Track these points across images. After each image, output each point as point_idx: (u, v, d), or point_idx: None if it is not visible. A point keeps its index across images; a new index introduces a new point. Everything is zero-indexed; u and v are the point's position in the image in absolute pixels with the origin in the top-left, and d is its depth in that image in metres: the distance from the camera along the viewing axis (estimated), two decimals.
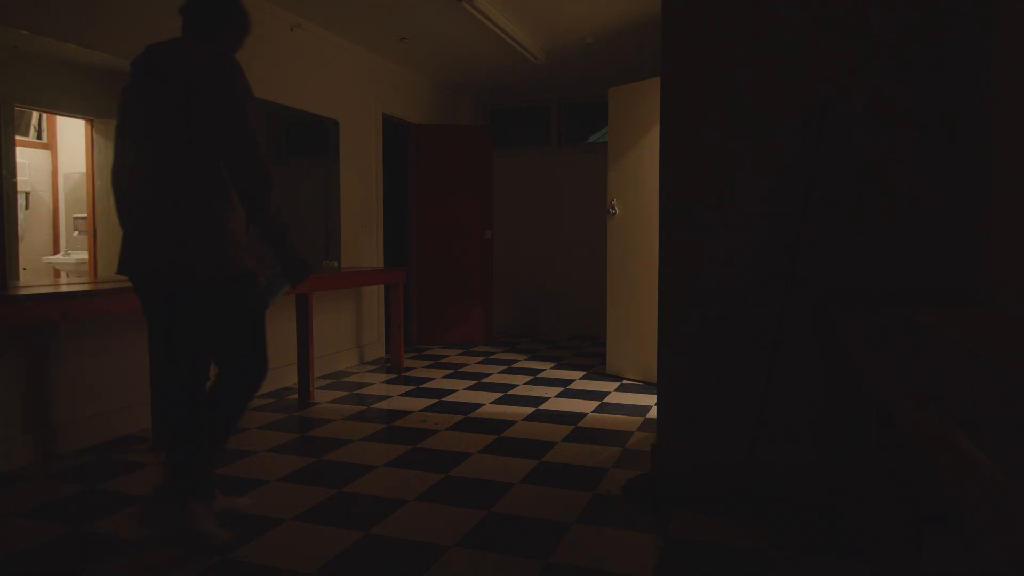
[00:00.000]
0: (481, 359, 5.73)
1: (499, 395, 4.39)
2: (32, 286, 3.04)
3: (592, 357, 5.78)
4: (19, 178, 3.27)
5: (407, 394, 4.44)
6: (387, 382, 4.85)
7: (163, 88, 2.11)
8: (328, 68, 5.13)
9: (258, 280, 2.29)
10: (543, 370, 5.23)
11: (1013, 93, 2.12)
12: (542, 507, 2.56)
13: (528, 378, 4.93)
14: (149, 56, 2.19)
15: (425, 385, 4.70)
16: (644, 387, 4.58)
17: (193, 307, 2.17)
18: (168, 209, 2.10)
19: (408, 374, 5.10)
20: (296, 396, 4.33)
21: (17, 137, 3.27)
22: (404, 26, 4.94)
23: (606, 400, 4.25)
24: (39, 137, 3.76)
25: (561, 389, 4.55)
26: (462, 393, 4.46)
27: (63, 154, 3.87)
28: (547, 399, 4.28)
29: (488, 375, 5.04)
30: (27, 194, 3.76)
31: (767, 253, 2.64)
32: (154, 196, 2.11)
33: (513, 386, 4.66)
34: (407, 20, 4.80)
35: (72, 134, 3.76)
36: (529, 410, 4.01)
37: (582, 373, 5.10)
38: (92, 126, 3.58)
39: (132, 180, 2.19)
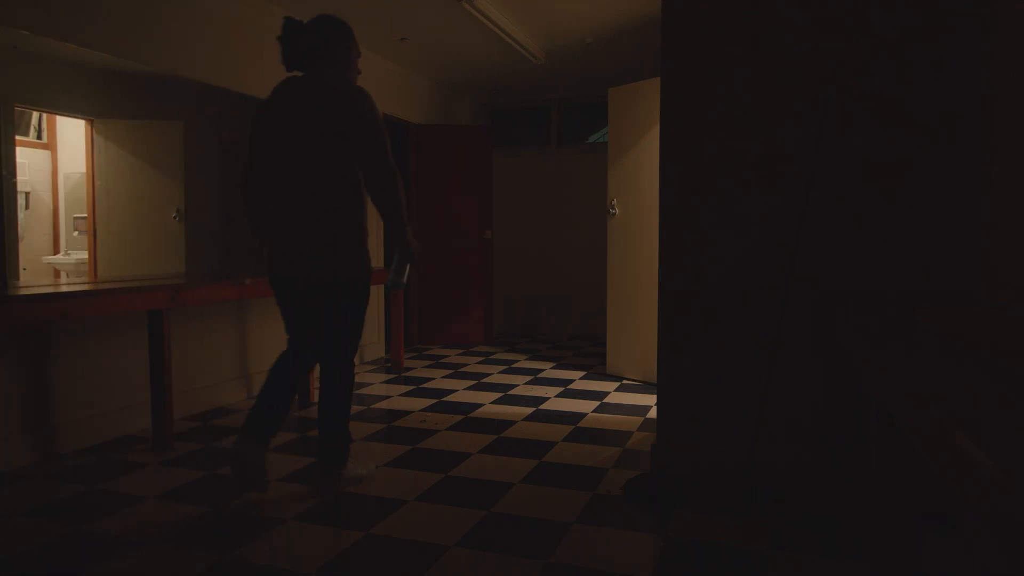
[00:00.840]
0: (481, 359, 5.73)
1: (499, 395, 4.39)
2: (32, 286, 3.05)
3: (592, 357, 5.78)
4: (19, 178, 3.27)
5: (407, 394, 4.44)
6: (387, 382, 4.85)
7: (307, 116, 2.47)
8: None
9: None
10: (543, 370, 5.23)
11: (1013, 93, 2.12)
12: (542, 507, 2.56)
13: (528, 378, 4.93)
14: (290, 87, 2.57)
15: (425, 385, 4.70)
16: (644, 387, 4.58)
17: (343, 300, 2.62)
18: (317, 221, 2.51)
19: (408, 374, 5.10)
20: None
21: (17, 137, 3.27)
22: (404, 26, 4.94)
23: (606, 400, 4.25)
24: (39, 137, 3.76)
25: (561, 389, 4.55)
26: (462, 393, 4.46)
27: (63, 154, 3.87)
28: (547, 399, 4.28)
29: (488, 375, 5.04)
30: (27, 194, 3.76)
31: (767, 253, 2.64)
32: (303, 210, 2.52)
33: (513, 386, 4.66)
34: (407, 20, 4.80)
35: (72, 134, 3.77)
36: (529, 410, 4.01)
37: (582, 373, 5.10)
38: (92, 126, 3.58)
39: (276, 195, 2.58)
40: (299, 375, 2.73)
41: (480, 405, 4.13)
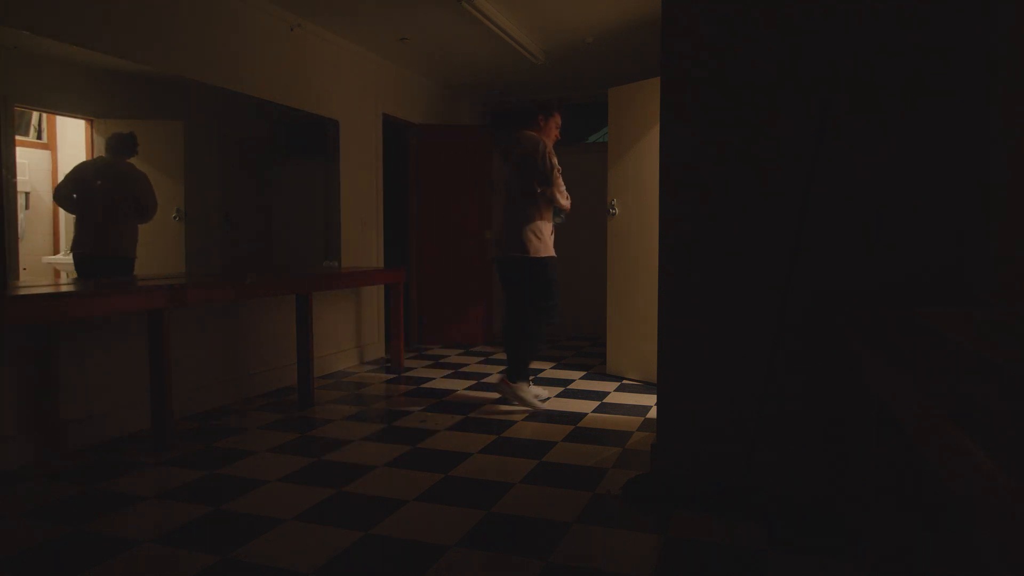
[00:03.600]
0: (481, 359, 5.72)
1: (499, 395, 4.38)
2: (32, 286, 3.05)
3: (592, 357, 5.78)
4: (19, 178, 3.26)
5: (407, 394, 4.44)
6: (387, 382, 4.85)
7: (513, 158, 4.06)
8: (328, 68, 5.13)
9: None
10: (543, 370, 5.23)
11: (1018, 90, 2.12)
12: (542, 507, 2.56)
13: (529, 378, 4.92)
14: (510, 138, 4.16)
15: (425, 385, 4.70)
16: (644, 387, 4.58)
17: (522, 274, 4.04)
18: (516, 222, 4.01)
19: (408, 374, 5.10)
20: (296, 396, 4.32)
21: (17, 137, 3.26)
22: (404, 26, 4.94)
23: (606, 400, 4.25)
24: (39, 137, 3.75)
25: (561, 389, 4.55)
26: (462, 393, 4.45)
27: (63, 154, 3.87)
28: (547, 399, 4.28)
29: (488, 375, 5.04)
30: (27, 194, 3.75)
31: (767, 252, 2.64)
32: (511, 214, 4.04)
33: None
34: (407, 20, 4.80)
35: (72, 134, 3.76)
36: (529, 410, 4.00)
37: (582, 373, 5.10)
38: (92, 126, 3.58)
39: (499, 205, 4.21)
40: (518, 327, 4.09)
41: (480, 405, 4.13)
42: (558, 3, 4.54)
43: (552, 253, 4.06)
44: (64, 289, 2.94)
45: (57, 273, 3.88)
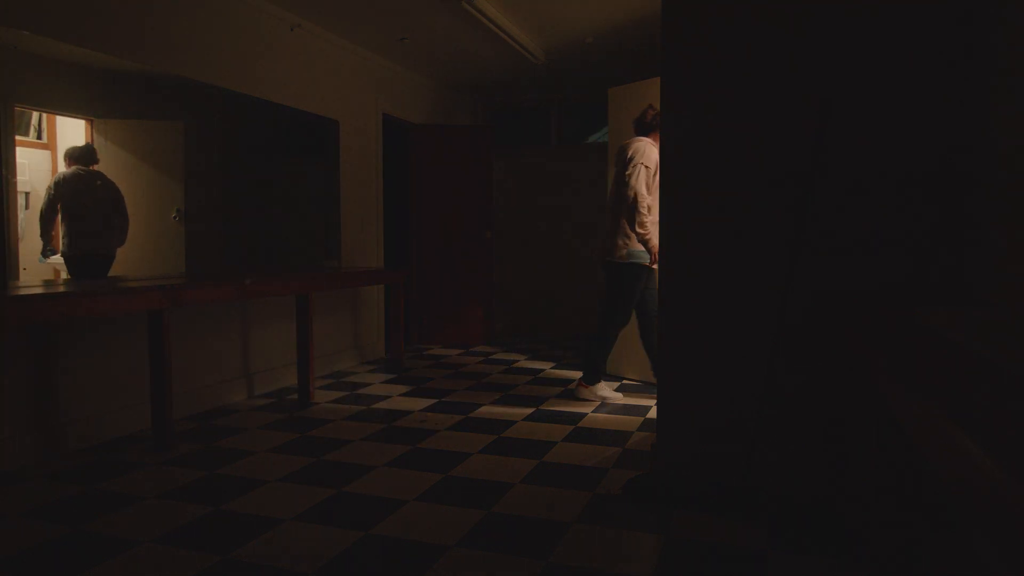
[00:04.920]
0: (481, 359, 5.72)
1: (499, 395, 4.39)
2: (32, 286, 3.04)
3: None
4: (19, 178, 3.27)
5: (407, 394, 4.44)
6: (387, 382, 4.85)
7: (618, 161, 4.19)
8: (328, 68, 5.13)
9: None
10: (543, 370, 5.22)
11: (1018, 90, 2.12)
12: (542, 507, 2.56)
13: (528, 378, 4.93)
14: (622, 145, 4.26)
15: (425, 385, 4.70)
16: (644, 387, 4.58)
17: (610, 277, 4.19)
18: (611, 227, 4.16)
19: (408, 374, 5.10)
20: (296, 396, 4.32)
21: (17, 137, 3.26)
22: (404, 26, 4.94)
23: (606, 400, 4.25)
24: (39, 137, 3.75)
25: (561, 389, 4.55)
26: (462, 393, 4.45)
27: (63, 154, 3.87)
28: (547, 399, 4.28)
29: (488, 375, 5.04)
30: (27, 194, 3.75)
31: (768, 252, 2.64)
32: (610, 219, 4.21)
33: (513, 386, 4.66)
34: (407, 20, 4.80)
35: (72, 134, 3.76)
36: (529, 410, 4.00)
37: (582, 373, 5.09)
38: (92, 126, 3.58)
39: (607, 209, 4.33)
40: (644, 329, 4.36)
41: (480, 405, 4.13)
42: (558, 3, 4.54)
43: (642, 260, 4.11)
44: (64, 289, 2.93)
45: (57, 273, 3.88)
